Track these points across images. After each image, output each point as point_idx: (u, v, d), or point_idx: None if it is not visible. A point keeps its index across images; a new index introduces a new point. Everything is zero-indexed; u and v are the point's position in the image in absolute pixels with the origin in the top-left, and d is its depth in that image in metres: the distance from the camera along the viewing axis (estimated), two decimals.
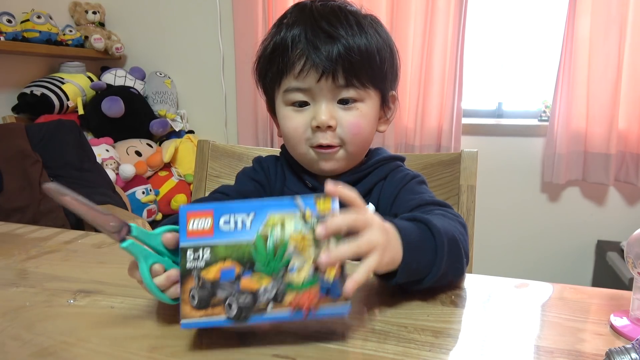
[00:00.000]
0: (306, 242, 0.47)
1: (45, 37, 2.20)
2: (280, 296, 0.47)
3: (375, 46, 0.70)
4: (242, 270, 0.47)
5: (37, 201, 1.74)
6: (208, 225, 0.48)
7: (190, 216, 0.48)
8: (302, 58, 0.67)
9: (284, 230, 0.47)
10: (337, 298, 0.47)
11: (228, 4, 2.40)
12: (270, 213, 0.48)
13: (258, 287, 0.47)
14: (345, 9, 0.71)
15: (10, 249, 0.80)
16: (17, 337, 0.52)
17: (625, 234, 0.55)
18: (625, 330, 0.51)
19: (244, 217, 0.48)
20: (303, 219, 0.47)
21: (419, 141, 2.17)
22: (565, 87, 1.99)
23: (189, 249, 0.47)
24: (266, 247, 0.47)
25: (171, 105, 2.54)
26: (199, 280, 0.47)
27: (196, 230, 0.48)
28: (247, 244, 0.47)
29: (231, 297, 0.47)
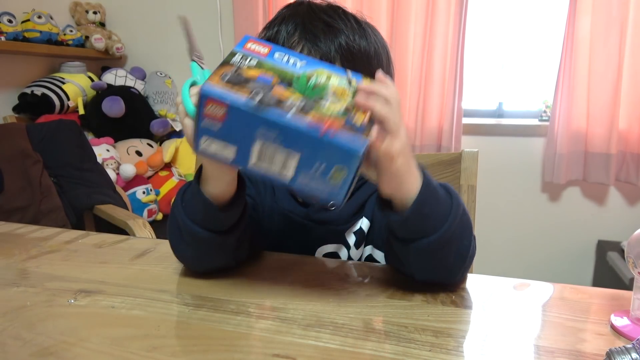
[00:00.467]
0: (344, 96, 0.49)
1: (46, 37, 2.20)
2: (305, 109, 0.47)
3: (374, 48, 0.67)
4: (279, 81, 0.48)
5: (37, 201, 1.74)
6: (264, 51, 0.50)
7: (251, 41, 0.50)
8: (298, 46, 0.64)
9: (329, 80, 0.49)
10: (359, 132, 0.47)
11: (228, 4, 2.41)
12: (322, 68, 0.50)
13: (287, 97, 0.47)
14: (341, 8, 0.69)
15: (11, 249, 0.80)
16: (17, 336, 0.52)
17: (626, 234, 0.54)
18: (625, 330, 0.51)
19: (296, 60, 0.50)
20: (348, 82, 0.50)
21: (419, 141, 2.17)
22: (565, 87, 1.99)
23: (239, 54, 0.50)
24: (307, 83, 0.49)
25: (172, 105, 2.54)
26: (235, 70, 0.48)
27: (252, 48, 0.50)
28: (291, 74, 0.49)
29: (260, 91, 0.47)
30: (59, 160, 1.91)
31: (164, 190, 2.35)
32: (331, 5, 0.68)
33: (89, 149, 2.06)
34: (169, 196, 2.34)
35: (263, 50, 0.50)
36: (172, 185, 2.37)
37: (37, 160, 1.82)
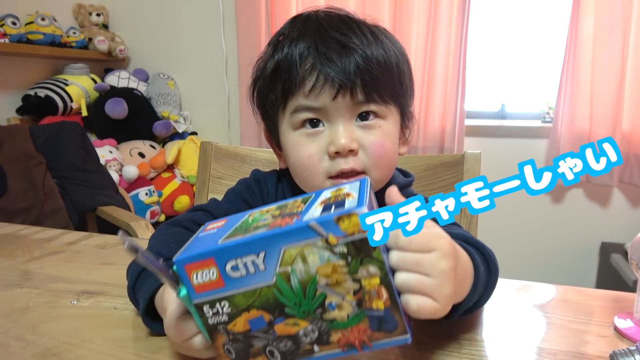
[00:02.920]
0: (339, 274, 0.38)
1: (49, 39, 2.21)
2: (325, 337, 0.40)
3: (394, 57, 0.61)
4: (272, 317, 0.40)
5: (40, 202, 1.75)
6: (215, 276, 0.39)
7: (191, 269, 0.40)
8: (313, 73, 0.57)
9: (308, 264, 0.38)
10: (394, 330, 0.39)
11: (231, 6, 2.41)
12: (285, 246, 0.38)
13: (297, 331, 0.40)
14: (352, 17, 0.62)
15: (14, 250, 0.80)
16: (20, 337, 0.52)
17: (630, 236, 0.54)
18: (629, 332, 0.51)
19: (253, 258, 0.39)
20: (328, 246, 0.38)
21: (421, 142, 2.17)
22: (568, 88, 1.99)
23: (205, 305, 0.40)
24: (292, 287, 0.39)
25: (174, 107, 2.55)
26: (228, 335, 0.41)
27: (203, 283, 0.40)
28: (267, 287, 0.39)
29: (270, 345, 0.41)
30: (62, 161, 1.92)
31: (167, 192, 2.35)
32: (342, 17, 0.62)
33: (92, 150, 2.06)
34: (171, 197, 2.34)
35: (213, 276, 0.40)
36: (174, 186, 2.37)
37: (40, 161, 1.82)
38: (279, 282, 0.39)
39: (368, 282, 0.38)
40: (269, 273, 0.39)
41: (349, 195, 0.40)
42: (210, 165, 1.09)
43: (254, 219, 0.43)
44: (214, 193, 1.08)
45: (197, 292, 0.40)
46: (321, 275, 0.38)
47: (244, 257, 0.39)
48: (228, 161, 1.10)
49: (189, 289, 0.40)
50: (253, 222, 0.42)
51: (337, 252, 0.38)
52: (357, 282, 0.38)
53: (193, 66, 2.61)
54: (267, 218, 0.42)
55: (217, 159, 1.10)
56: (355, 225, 0.37)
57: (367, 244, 0.37)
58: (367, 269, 0.38)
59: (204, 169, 1.10)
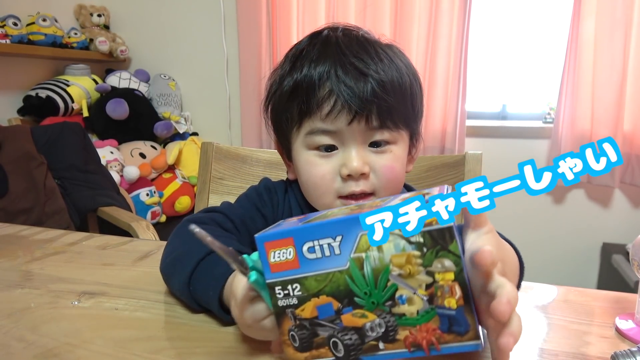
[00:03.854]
0: (413, 265, 0.38)
1: (51, 39, 2.21)
2: (391, 333, 0.39)
3: (408, 81, 0.63)
4: (341, 305, 0.40)
5: (42, 203, 1.75)
6: (291, 256, 0.40)
7: (269, 247, 0.41)
8: (331, 98, 0.59)
9: (382, 252, 0.38)
10: (464, 334, 0.38)
11: (232, 7, 2.41)
12: (362, 232, 0.38)
13: (363, 324, 0.40)
14: (369, 39, 0.64)
15: (15, 251, 0.81)
16: (21, 338, 0.52)
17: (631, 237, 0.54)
18: (630, 333, 0.50)
19: (330, 241, 0.39)
20: (399, 233, 0.37)
21: (422, 143, 2.16)
22: (569, 88, 1.99)
23: (277, 286, 0.41)
24: (364, 275, 0.39)
25: (175, 108, 2.55)
26: (295, 320, 0.41)
27: (279, 262, 0.41)
28: (340, 273, 0.39)
29: (334, 336, 0.41)
30: (63, 162, 1.92)
31: (168, 193, 2.35)
32: (360, 41, 0.63)
33: (93, 151, 2.07)
34: (172, 198, 2.34)
35: (290, 255, 0.41)
36: (175, 187, 2.37)
37: (42, 162, 1.83)
38: (352, 267, 0.39)
39: (442, 276, 0.37)
40: (343, 257, 0.39)
41: (429, 194, 0.40)
42: (211, 166, 1.09)
43: (332, 213, 0.44)
44: (215, 194, 1.08)
45: (272, 270, 0.41)
46: (394, 265, 0.38)
47: (321, 240, 0.40)
48: (229, 162, 1.10)
49: (265, 267, 0.41)
50: (332, 214, 0.43)
51: (413, 242, 0.38)
52: (431, 276, 0.38)
53: (194, 67, 2.61)
54: (346, 211, 0.43)
55: (218, 159, 1.10)
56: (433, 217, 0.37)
57: (445, 236, 0.37)
58: (442, 262, 0.37)
59: (205, 169, 1.10)
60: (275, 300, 0.41)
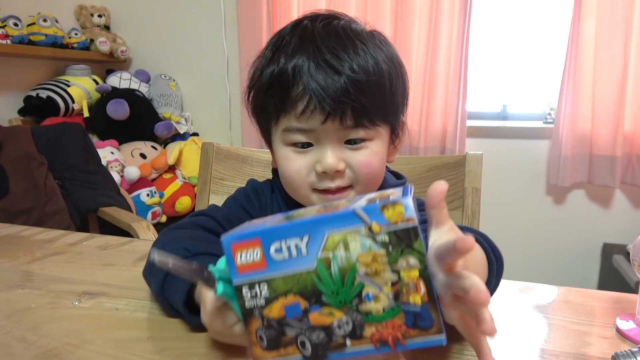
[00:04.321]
0: (379, 263, 0.39)
1: (51, 40, 2.21)
2: (358, 330, 0.40)
3: (387, 74, 0.61)
4: (308, 304, 0.41)
5: (42, 203, 1.75)
6: (258, 257, 0.41)
7: (236, 249, 0.41)
8: (305, 97, 0.58)
9: (349, 251, 0.39)
10: (429, 329, 0.39)
11: (232, 7, 2.41)
12: (329, 232, 0.39)
13: (330, 322, 0.41)
14: (350, 30, 0.62)
15: (16, 251, 0.81)
16: (22, 338, 0.52)
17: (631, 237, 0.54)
18: (631, 334, 0.50)
19: (297, 242, 0.40)
20: (370, 234, 0.38)
21: (423, 143, 2.17)
22: (570, 89, 1.99)
23: (244, 286, 0.42)
24: (331, 273, 0.40)
25: (176, 108, 2.55)
26: (262, 320, 0.42)
27: (246, 264, 0.41)
28: (307, 273, 0.40)
29: (302, 334, 0.41)
30: (64, 162, 1.92)
31: (168, 193, 2.35)
32: (338, 33, 0.61)
33: (93, 151, 2.07)
34: (173, 198, 2.35)
35: (257, 257, 0.41)
36: (176, 187, 2.37)
37: (42, 162, 1.83)
38: (319, 267, 0.40)
39: (407, 274, 0.38)
40: (310, 258, 0.40)
41: (394, 194, 0.41)
42: (211, 166, 1.10)
43: (298, 214, 0.45)
44: (216, 194, 1.08)
45: (239, 272, 0.41)
46: (361, 264, 0.39)
47: (288, 240, 0.40)
48: (229, 162, 1.10)
49: (232, 268, 0.42)
50: (299, 214, 0.44)
51: (379, 241, 0.38)
52: (396, 274, 0.38)
53: (194, 67, 2.61)
54: (312, 212, 0.44)
55: (219, 160, 1.10)
56: (399, 214, 0.38)
57: (410, 234, 0.38)
58: (407, 260, 0.38)
59: (206, 170, 1.10)
60: (242, 302, 0.42)
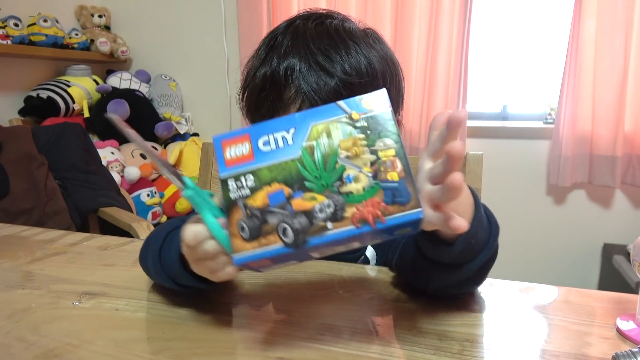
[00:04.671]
0: (359, 146, 0.42)
1: (52, 40, 2.21)
2: (339, 212, 0.41)
3: (380, 74, 0.62)
4: (292, 191, 0.42)
5: (42, 203, 1.75)
6: (247, 150, 0.43)
7: (226, 144, 0.44)
8: (297, 99, 0.59)
9: (332, 138, 0.42)
10: (406, 204, 0.40)
11: (233, 7, 2.41)
12: (313, 123, 0.43)
13: (312, 206, 0.42)
14: (342, 30, 0.63)
15: (16, 251, 0.81)
16: (22, 338, 0.52)
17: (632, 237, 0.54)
18: (631, 334, 0.50)
19: (284, 134, 0.43)
20: (351, 121, 0.42)
21: (423, 143, 2.17)
22: (570, 89, 1.99)
23: (230, 179, 0.43)
24: (314, 159, 0.42)
25: (176, 108, 2.55)
26: (245, 209, 0.43)
27: (235, 157, 0.44)
28: (292, 161, 0.42)
29: (284, 221, 0.42)
30: (64, 162, 1.92)
31: (169, 193, 2.35)
32: (330, 34, 0.61)
33: (94, 151, 2.07)
34: (173, 199, 2.35)
35: (245, 150, 0.43)
36: (176, 187, 2.37)
37: (43, 162, 1.83)
38: (303, 155, 0.43)
39: (384, 153, 0.42)
40: (296, 147, 0.43)
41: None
42: (211, 167, 1.10)
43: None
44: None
45: (227, 165, 0.44)
46: (342, 149, 0.42)
47: (276, 133, 0.43)
48: None
49: (220, 163, 0.44)
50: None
51: (358, 127, 0.42)
52: (374, 154, 0.42)
53: (195, 67, 2.61)
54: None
55: None
56: (377, 102, 0.43)
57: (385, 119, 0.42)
58: (384, 141, 0.42)
59: (206, 170, 1.10)
60: (227, 194, 0.43)
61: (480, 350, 0.49)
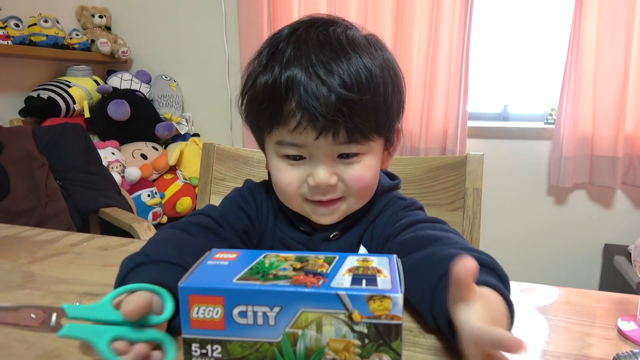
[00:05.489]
0: (350, 353, 0.36)
1: (52, 41, 2.22)
2: None
3: (382, 87, 0.60)
4: None
5: (43, 204, 1.75)
6: (218, 316, 0.37)
7: (194, 301, 0.37)
8: (298, 112, 0.58)
9: (321, 333, 0.36)
10: None
11: (233, 8, 2.41)
12: (303, 309, 0.36)
13: None
14: (345, 40, 0.61)
15: (17, 252, 0.81)
16: (23, 339, 0.52)
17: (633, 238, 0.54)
18: (632, 335, 0.50)
19: (266, 310, 0.36)
20: (349, 322, 0.35)
21: (424, 144, 2.17)
22: (571, 89, 1.98)
23: (194, 343, 0.38)
24: (295, 350, 0.37)
25: (177, 109, 2.55)
26: None
27: (203, 319, 0.37)
28: (270, 344, 0.37)
29: None
30: (65, 163, 1.92)
31: (169, 193, 2.35)
32: (333, 44, 0.60)
33: (94, 152, 2.07)
34: (173, 199, 2.35)
35: (216, 315, 0.37)
36: (176, 188, 2.37)
37: (43, 163, 1.83)
38: (284, 342, 0.37)
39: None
40: (277, 330, 0.37)
41: (380, 273, 0.39)
42: (212, 167, 1.10)
43: (271, 264, 0.42)
44: (216, 195, 1.08)
45: (192, 326, 0.38)
46: (331, 349, 0.36)
47: (256, 306, 0.37)
48: (230, 163, 1.10)
49: (184, 320, 0.38)
50: (271, 268, 0.41)
51: (356, 330, 0.36)
52: None
53: (195, 68, 2.62)
54: (287, 268, 0.41)
55: (220, 160, 1.10)
56: (386, 309, 0.35)
57: (391, 332, 0.36)
58: (381, 357, 0.36)
59: (206, 170, 1.10)
60: (188, 357, 0.38)
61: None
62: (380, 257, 0.43)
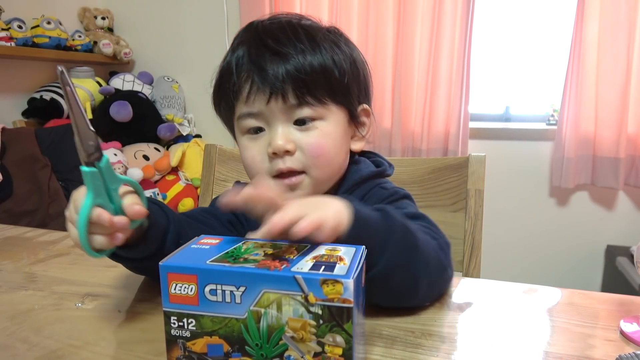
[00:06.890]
0: (307, 332, 0.40)
1: (55, 42, 2.22)
2: None
3: (332, 60, 0.63)
4: (231, 349, 0.41)
5: (46, 205, 1.76)
6: (192, 292, 0.41)
7: (172, 279, 0.41)
8: (248, 81, 0.62)
9: (281, 312, 0.40)
10: None
11: (235, 9, 2.42)
12: (265, 290, 0.40)
13: None
14: (297, 24, 0.64)
15: (19, 252, 0.81)
16: (25, 340, 0.52)
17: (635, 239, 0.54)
18: (635, 336, 0.50)
19: (233, 289, 0.40)
20: (306, 303, 0.39)
21: (425, 145, 2.16)
22: (573, 90, 1.98)
23: (172, 316, 0.42)
24: (259, 328, 0.41)
25: (179, 110, 2.56)
26: (184, 350, 0.43)
27: (179, 295, 0.42)
28: (237, 320, 0.41)
29: None
30: (67, 164, 1.93)
31: (171, 194, 2.36)
32: (282, 25, 0.63)
33: None
34: (175, 200, 2.35)
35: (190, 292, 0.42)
36: (179, 189, 2.38)
37: (46, 164, 1.83)
38: (249, 318, 0.41)
39: (331, 349, 0.40)
40: (243, 307, 0.41)
41: (342, 260, 0.42)
42: (214, 168, 1.10)
43: (246, 250, 0.45)
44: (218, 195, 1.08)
45: (171, 301, 0.42)
46: (289, 327, 0.40)
47: (224, 285, 0.41)
48: (232, 164, 1.10)
49: (164, 294, 0.42)
50: (245, 253, 0.44)
51: (312, 311, 0.39)
52: (321, 346, 0.40)
53: (197, 69, 2.62)
54: (259, 253, 0.44)
55: (222, 161, 1.10)
56: (338, 293, 0.38)
57: (343, 314, 0.39)
58: (334, 337, 0.39)
59: (208, 171, 1.10)
60: (168, 328, 0.42)
61: (483, 352, 0.49)
62: (349, 247, 0.45)
